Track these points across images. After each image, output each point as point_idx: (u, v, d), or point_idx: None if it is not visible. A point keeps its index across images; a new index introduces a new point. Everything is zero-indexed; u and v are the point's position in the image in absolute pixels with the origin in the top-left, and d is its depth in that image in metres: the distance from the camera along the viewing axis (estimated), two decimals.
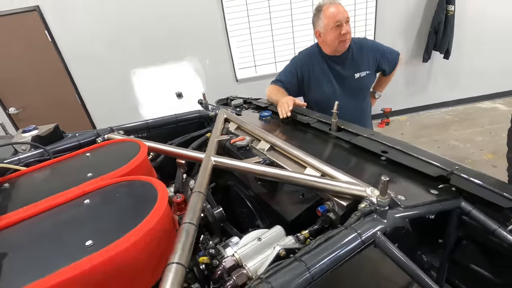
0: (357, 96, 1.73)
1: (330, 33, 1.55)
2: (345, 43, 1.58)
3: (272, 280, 0.47)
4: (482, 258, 0.76)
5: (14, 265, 0.53)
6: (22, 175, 0.89)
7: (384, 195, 0.59)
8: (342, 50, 1.62)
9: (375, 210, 0.62)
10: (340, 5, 1.58)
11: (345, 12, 1.56)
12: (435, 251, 0.82)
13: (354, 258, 0.56)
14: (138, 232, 0.56)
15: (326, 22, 1.55)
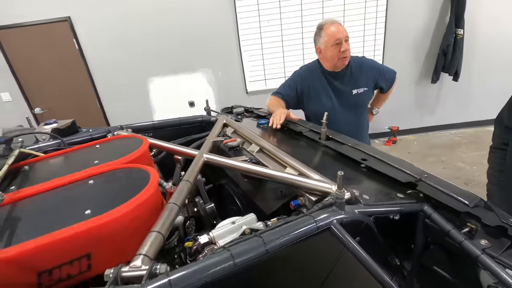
0: (354, 111, 1.81)
1: (330, 50, 1.65)
2: (344, 60, 1.68)
3: (232, 249, 0.56)
4: (443, 260, 0.82)
5: (30, 223, 0.65)
6: (40, 160, 1.03)
7: (341, 189, 0.68)
8: (341, 66, 1.71)
9: (335, 202, 0.70)
10: (340, 24, 1.68)
11: (344, 31, 1.66)
12: (409, 256, 0.89)
13: (310, 241, 0.64)
14: (128, 205, 0.67)
15: (326, 40, 1.65)
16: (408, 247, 0.88)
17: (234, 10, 3.48)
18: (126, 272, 0.52)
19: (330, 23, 1.67)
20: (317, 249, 0.70)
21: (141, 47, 3.64)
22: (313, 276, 0.75)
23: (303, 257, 0.68)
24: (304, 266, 0.72)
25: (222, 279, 0.53)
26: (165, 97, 3.92)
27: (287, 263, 0.66)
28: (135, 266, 0.53)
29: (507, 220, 0.70)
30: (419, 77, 3.95)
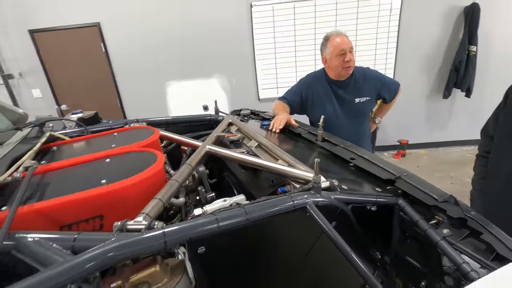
0: (356, 118, 1.90)
1: (335, 60, 1.74)
2: (348, 69, 1.77)
3: (218, 215, 0.67)
4: (415, 251, 0.89)
5: (56, 187, 0.79)
6: (66, 143, 1.19)
7: (317, 174, 0.78)
8: (345, 75, 1.80)
9: (312, 187, 0.80)
10: (345, 36, 1.78)
11: (349, 43, 1.76)
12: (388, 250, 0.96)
13: (289, 219, 0.74)
14: (136, 178, 0.80)
15: (332, 50, 1.74)
16: (388, 241, 0.96)
17: (250, 21, 3.67)
18: (130, 225, 0.64)
19: (335, 34, 1.77)
20: (297, 228, 0.80)
21: (161, 52, 3.87)
22: (292, 253, 0.85)
23: (284, 233, 0.78)
24: (285, 243, 0.82)
25: (207, 237, 0.64)
26: (181, 100, 4.12)
27: (269, 235, 0.76)
28: (137, 221, 0.65)
29: (469, 213, 0.77)
30: (431, 92, 3.97)
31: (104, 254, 0.54)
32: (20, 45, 3.86)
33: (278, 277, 0.82)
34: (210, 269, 0.68)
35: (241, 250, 0.74)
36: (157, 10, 3.69)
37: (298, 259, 0.85)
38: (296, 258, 0.85)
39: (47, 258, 0.54)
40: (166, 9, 3.69)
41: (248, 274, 0.76)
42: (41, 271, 0.51)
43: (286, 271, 0.83)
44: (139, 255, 0.59)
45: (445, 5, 3.52)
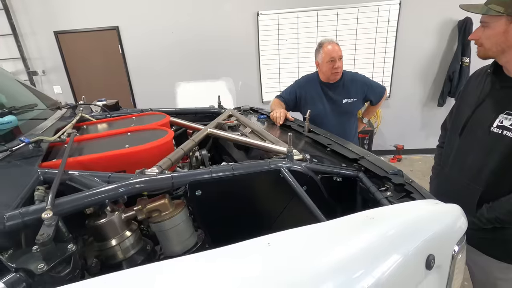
0: (343, 117, 2.12)
1: (325, 65, 1.99)
2: (336, 75, 2.01)
3: (211, 168, 0.91)
4: None
5: (90, 149, 1.04)
6: (94, 123, 1.45)
7: (290, 145, 1.01)
8: (333, 80, 2.04)
9: (286, 156, 1.03)
10: (337, 44, 2.03)
11: (339, 51, 2.00)
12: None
13: (265, 177, 0.97)
14: (151, 144, 1.05)
15: (323, 56, 1.98)
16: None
17: (257, 29, 3.95)
18: (147, 171, 0.88)
19: (328, 42, 2.01)
20: (272, 188, 1.03)
21: (173, 56, 4.18)
22: (270, 208, 1.07)
23: (261, 190, 1.01)
24: (262, 197, 1.04)
25: (203, 183, 0.87)
26: (189, 100, 4.40)
27: (249, 188, 0.98)
28: (152, 169, 0.89)
29: (408, 181, 0.99)
30: (426, 100, 4.16)
31: (129, 185, 0.77)
32: (45, 45, 4.22)
33: (258, 217, 1.04)
34: (203, 208, 0.91)
35: (227, 196, 0.96)
36: (170, 17, 4.01)
37: (271, 214, 1.07)
38: (269, 213, 1.07)
39: (90, 184, 0.78)
40: (178, 16, 4.00)
41: (231, 216, 0.99)
42: (79, 192, 0.74)
43: (260, 220, 1.06)
44: (153, 190, 0.83)
45: (440, 19, 3.74)
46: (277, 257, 0.52)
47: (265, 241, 0.55)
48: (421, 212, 0.71)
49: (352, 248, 0.54)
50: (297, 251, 0.54)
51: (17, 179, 0.75)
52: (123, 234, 0.81)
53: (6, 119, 1.03)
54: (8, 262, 0.56)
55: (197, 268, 0.50)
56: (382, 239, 0.58)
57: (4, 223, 0.60)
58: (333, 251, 0.53)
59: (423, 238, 0.63)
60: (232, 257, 0.52)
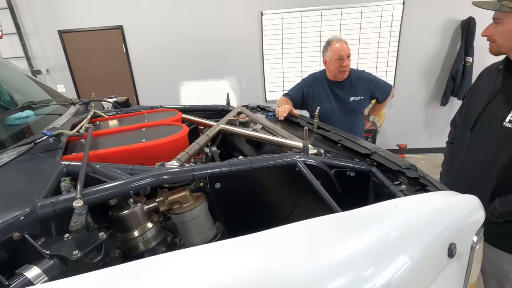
0: (350, 115, 2.14)
1: (333, 63, 2.00)
2: (343, 73, 2.02)
3: (230, 161, 0.92)
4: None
5: (110, 142, 1.06)
6: (106, 119, 1.46)
7: (306, 140, 1.02)
8: (341, 78, 2.05)
9: (302, 150, 1.04)
10: (345, 43, 2.03)
11: (347, 50, 2.01)
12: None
13: (284, 172, 0.98)
14: (167, 139, 1.06)
15: (331, 54, 1.99)
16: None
17: (260, 28, 3.97)
18: (167, 164, 0.89)
19: (336, 40, 2.02)
20: (289, 181, 1.04)
21: (177, 54, 4.19)
22: (285, 201, 1.08)
23: (278, 184, 1.02)
24: (278, 191, 1.06)
25: (222, 176, 0.89)
26: (192, 99, 4.41)
27: (266, 182, 1.00)
28: (172, 163, 0.90)
29: (423, 175, 1.01)
30: (429, 99, 4.18)
31: (154, 176, 0.79)
32: (49, 44, 4.23)
33: (274, 210, 1.06)
34: (222, 201, 0.93)
35: (245, 189, 0.98)
36: (174, 16, 4.02)
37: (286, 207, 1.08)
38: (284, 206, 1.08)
39: (114, 176, 0.80)
40: (183, 16, 4.01)
41: (247, 209, 1.00)
42: (105, 183, 0.76)
43: (275, 213, 1.07)
44: (174, 181, 0.84)
45: (443, 18, 3.76)
46: (308, 243, 0.54)
47: (296, 228, 0.56)
48: (441, 201, 0.73)
49: (381, 234, 0.55)
50: (327, 237, 0.55)
51: (42, 170, 0.77)
52: (145, 225, 0.82)
53: (24, 114, 1.04)
54: (43, 249, 0.57)
55: (233, 253, 0.51)
56: (408, 226, 0.59)
57: (36, 212, 0.61)
58: (364, 236, 0.54)
59: (446, 226, 0.65)
60: (264, 242, 0.54)
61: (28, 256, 0.58)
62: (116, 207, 0.80)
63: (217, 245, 0.53)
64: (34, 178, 0.73)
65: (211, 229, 0.90)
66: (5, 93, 1.24)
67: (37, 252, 0.57)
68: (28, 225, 0.59)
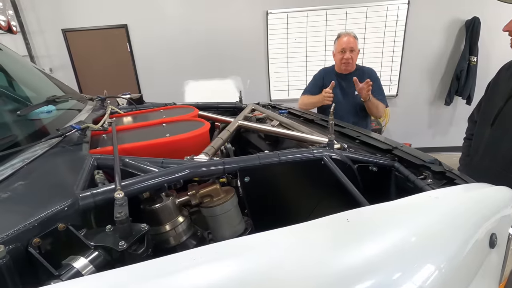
0: (356, 108, 2.17)
1: (337, 56, 2.12)
2: (346, 65, 2.10)
3: (259, 155, 0.92)
4: None
5: (134, 137, 1.05)
6: (123, 115, 1.45)
7: (331, 133, 1.02)
8: (344, 70, 2.14)
9: (327, 144, 1.04)
10: (351, 36, 2.10)
11: (351, 43, 2.07)
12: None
13: (307, 164, 0.98)
14: (191, 134, 1.06)
15: (336, 47, 2.12)
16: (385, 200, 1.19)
17: (266, 27, 3.97)
18: (196, 158, 0.88)
19: (344, 34, 2.12)
20: (315, 176, 1.04)
21: (181, 54, 4.18)
22: (310, 196, 1.08)
23: (304, 178, 1.02)
24: (304, 185, 1.05)
25: (252, 169, 0.88)
26: (197, 98, 4.39)
27: (293, 175, 0.99)
28: (201, 156, 0.90)
29: (448, 169, 1.01)
30: (434, 99, 4.20)
31: (189, 168, 0.78)
32: (53, 43, 4.21)
33: (299, 205, 1.05)
34: (251, 195, 0.92)
35: (272, 183, 0.98)
36: (179, 15, 4.02)
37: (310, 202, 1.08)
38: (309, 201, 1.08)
39: (146, 169, 0.79)
40: (188, 14, 4.01)
41: (274, 203, 1.00)
42: (142, 175, 0.75)
43: (299, 207, 1.07)
44: (206, 175, 0.83)
45: (447, 18, 3.78)
46: (358, 231, 0.53)
47: (344, 217, 0.56)
48: (478, 192, 0.73)
49: (431, 223, 0.55)
50: (375, 226, 0.55)
51: (75, 163, 0.76)
52: (176, 219, 0.81)
53: (46, 108, 1.03)
54: (87, 240, 0.56)
55: (290, 240, 0.50)
56: (453, 217, 0.59)
57: (78, 203, 0.60)
58: (414, 226, 0.54)
59: (487, 216, 0.64)
60: (317, 229, 0.53)
61: (71, 247, 0.57)
62: (148, 201, 0.79)
63: (275, 232, 0.53)
64: (69, 170, 0.73)
65: (241, 223, 0.90)
66: (18, 88, 1.23)
67: (81, 244, 0.57)
68: (70, 216, 0.59)
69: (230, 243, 0.51)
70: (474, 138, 1.36)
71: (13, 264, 0.47)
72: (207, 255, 0.46)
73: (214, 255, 0.46)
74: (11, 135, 0.72)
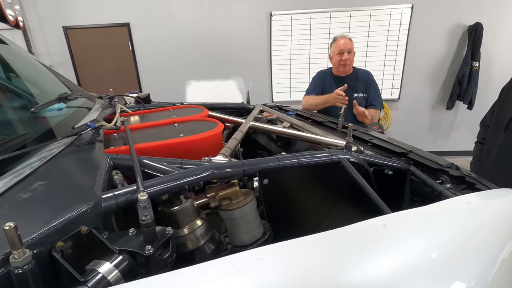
0: (352, 111, 2.16)
1: (335, 58, 2.13)
2: (344, 67, 2.12)
3: (278, 156, 0.90)
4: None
5: (148, 137, 1.02)
6: (131, 114, 1.42)
7: (350, 136, 1.00)
8: (343, 72, 2.15)
9: (345, 146, 1.02)
10: (348, 39, 2.13)
11: (349, 45, 2.10)
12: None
13: (325, 166, 0.96)
14: (205, 134, 1.03)
15: (334, 49, 2.14)
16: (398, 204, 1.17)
17: (269, 29, 3.96)
18: (214, 159, 0.86)
19: (340, 37, 2.15)
20: (333, 179, 1.02)
21: (183, 53, 4.15)
22: (327, 199, 1.06)
23: (323, 181, 1.00)
24: (322, 190, 1.03)
25: (271, 171, 0.86)
26: (198, 99, 4.37)
27: (312, 178, 0.97)
28: (219, 157, 0.87)
29: (467, 173, 0.99)
30: (435, 103, 4.21)
31: (207, 170, 0.76)
32: (53, 40, 4.16)
33: (315, 208, 1.03)
34: (269, 198, 0.90)
35: (290, 186, 0.96)
36: (182, 14, 3.99)
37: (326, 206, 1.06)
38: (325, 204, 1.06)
39: (165, 170, 0.76)
40: (191, 14, 3.99)
41: (291, 206, 0.98)
42: (163, 176, 0.72)
43: (318, 209, 1.05)
44: (227, 176, 0.81)
45: (450, 23, 3.80)
46: (395, 238, 0.51)
47: (380, 223, 0.54)
48: (508, 198, 0.71)
49: (471, 230, 0.53)
50: (413, 232, 0.53)
51: (91, 163, 0.73)
52: (195, 222, 0.78)
53: (56, 106, 1.00)
54: (112, 244, 0.54)
55: (328, 246, 0.48)
56: (492, 225, 0.57)
57: (101, 205, 0.58)
58: (454, 233, 0.52)
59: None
60: (352, 235, 0.51)
61: (93, 251, 0.54)
62: (167, 203, 0.77)
63: (310, 238, 0.50)
64: (87, 170, 0.70)
65: (260, 227, 0.87)
66: (25, 84, 1.20)
67: (104, 247, 0.54)
68: (92, 218, 0.56)
69: (271, 249, 0.48)
70: (486, 143, 1.35)
71: (38, 270, 0.44)
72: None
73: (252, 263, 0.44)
74: (27, 132, 0.70)
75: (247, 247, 0.84)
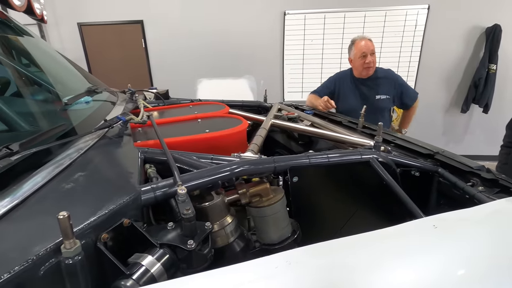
0: (375, 113, 2.12)
1: (358, 61, 2.04)
2: (368, 69, 2.05)
3: (308, 153, 0.88)
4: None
5: (174, 132, 1.02)
6: (151, 110, 1.42)
7: (379, 135, 0.98)
8: (366, 75, 2.08)
9: (374, 146, 1.00)
10: (369, 40, 2.06)
11: (371, 46, 2.04)
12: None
13: (353, 166, 0.94)
14: (231, 130, 1.03)
15: (355, 52, 2.05)
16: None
17: (282, 28, 3.94)
18: (243, 155, 0.85)
19: (360, 39, 2.07)
20: (361, 178, 1.00)
21: (196, 51, 4.16)
22: (354, 199, 1.04)
23: (350, 181, 0.98)
24: (349, 189, 1.02)
25: (301, 168, 0.85)
26: (210, 96, 4.37)
27: (341, 176, 0.96)
28: (247, 154, 0.86)
29: (500, 176, 0.96)
30: (449, 106, 4.14)
31: (241, 165, 0.74)
32: (68, 36, 4.20)
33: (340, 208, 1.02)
34: (298, 196, 0.88)
35: (319, 184, 0.94)
36: (196, 13, 4.00)
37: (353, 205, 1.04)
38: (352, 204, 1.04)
39: (197, 164, 0.76)
40: (204, 13, 3.99)
41: (319, 203, 0.96)
42: (196, 171, 0.72)
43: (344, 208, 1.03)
44: (257, 172, 0.79)
45: (468, 25, 3.73)
46: (447, 239, 0.50)
47: (430, 223, 0.52)
48: None
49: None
50: (463, 234, 0.51)
51: (125, 156, 0.73)
52: (225, 219, 0.77)
53: (83, 99, 1.00)
54: (153, 238, 0.53)
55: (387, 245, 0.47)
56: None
57: (141, 198, 0.57)
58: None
59: None
60: (402, 236, 0.50)
61: (133, 244, 0.54)
62: (198, 198, 0.76)
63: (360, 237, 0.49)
64: (122, 163, 0.70)
65: (288, 226, 0.86)
66: (44, 77, 1.20)
67: (145, 240, 0.53)
68: (133, 211, 0.55)
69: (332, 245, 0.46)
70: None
71: (86, 261, 0.43)
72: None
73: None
74: (63, 124, 0.69)
75: (275, 246, 0.83)
